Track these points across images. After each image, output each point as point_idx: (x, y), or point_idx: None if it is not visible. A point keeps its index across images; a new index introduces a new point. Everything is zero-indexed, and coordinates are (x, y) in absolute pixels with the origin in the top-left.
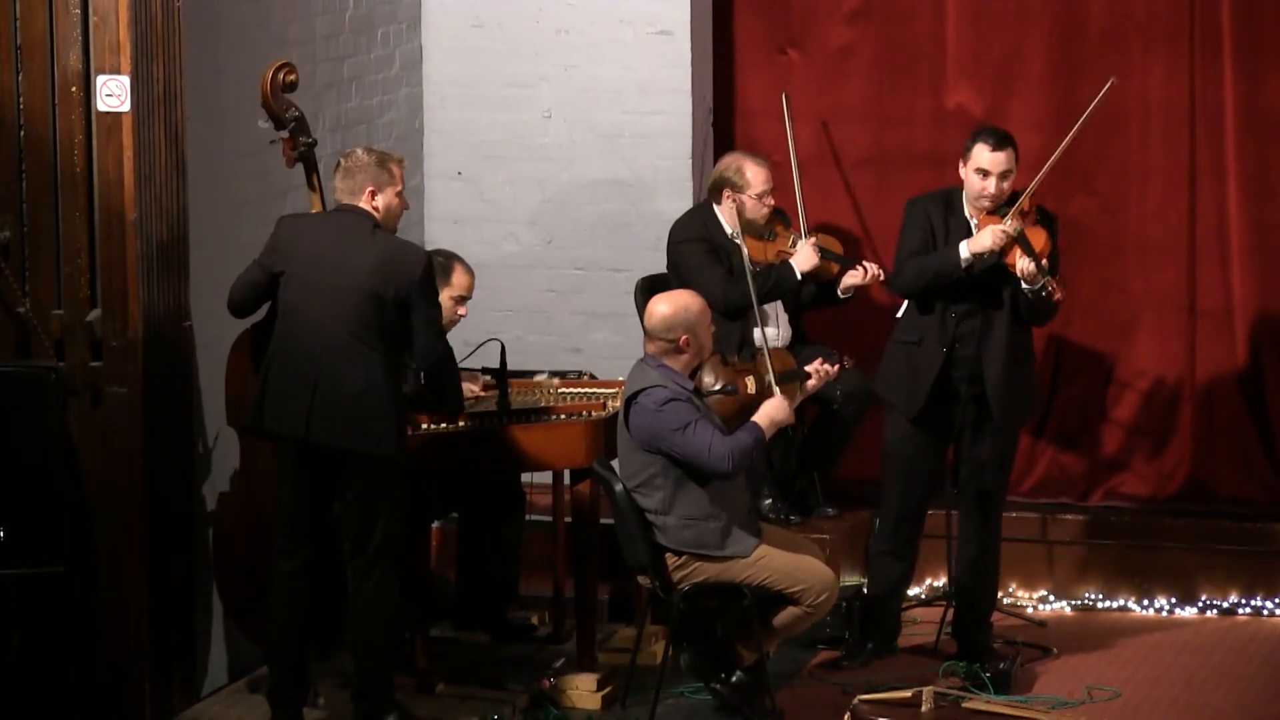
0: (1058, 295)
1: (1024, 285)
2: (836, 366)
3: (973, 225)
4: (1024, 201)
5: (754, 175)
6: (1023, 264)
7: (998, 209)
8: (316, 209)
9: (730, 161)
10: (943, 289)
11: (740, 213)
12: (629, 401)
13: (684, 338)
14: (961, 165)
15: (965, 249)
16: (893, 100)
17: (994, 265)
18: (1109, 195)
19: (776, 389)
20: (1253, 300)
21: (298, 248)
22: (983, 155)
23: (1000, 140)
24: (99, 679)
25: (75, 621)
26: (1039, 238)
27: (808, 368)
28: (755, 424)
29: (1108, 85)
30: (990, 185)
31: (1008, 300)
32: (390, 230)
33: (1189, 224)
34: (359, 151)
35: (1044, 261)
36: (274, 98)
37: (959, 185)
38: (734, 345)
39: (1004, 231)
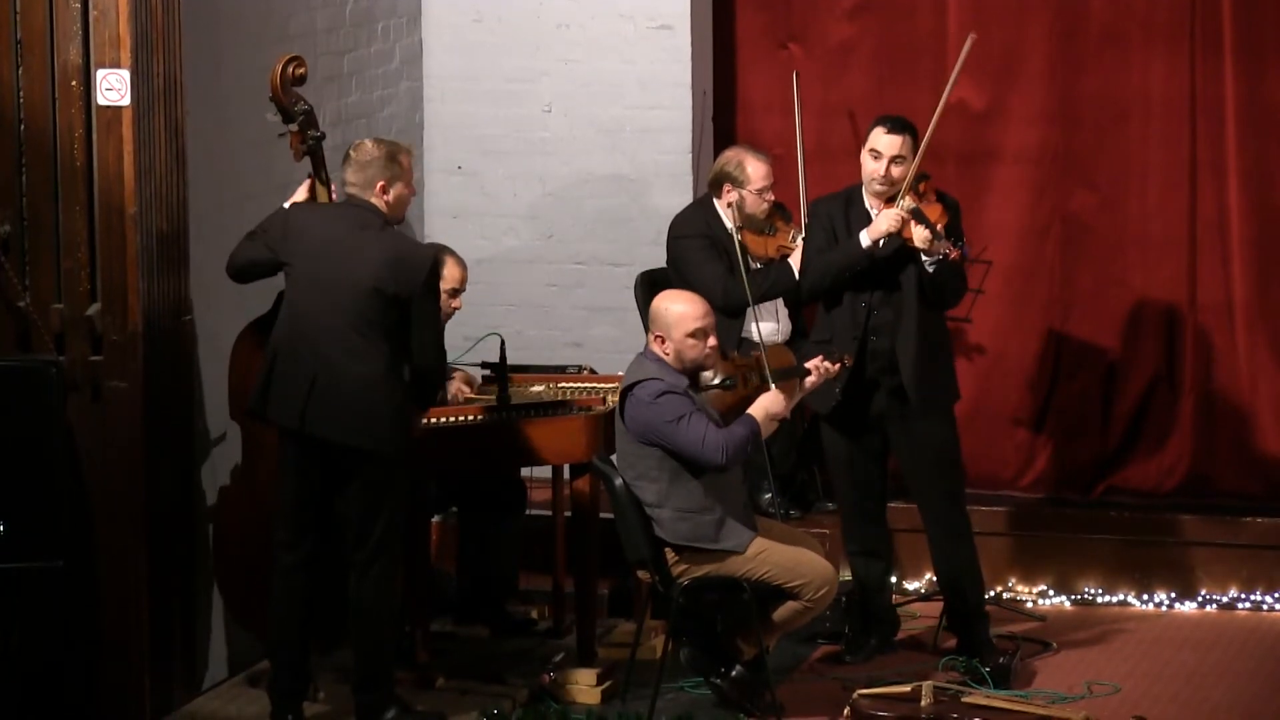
0: (954, 254)
1: (924, 259)
2: (837, 365)
3: (874, 216)
4: (912, 178)
5: (754, 171)
6: (919, 235)
7: (893, 196)
8: (323, 201)
9: (731, 156)
10: (850, 281)
11: (740, 208)
12: (625, 393)
13: (656, 335)
14: (861, 152)
15: (866, 237)
16: (894, 95)
17: (898, 248)
18: (1109, 190)
19: (773, 385)
20: (1253, 295)
21: (305, 241)
22: (878, 138)
23: (897, 125)
24: (99, 673)
25: (75, 616)
26: (934, 211)
27: (807, 364)
28: (750, 417)
29: (969, 42)
30: (880, 168)
31: (915, 287)
32: (398, 219)
33: (1189, 219)
34: (368, 144)
35: (939, 228)
36: (283, 91)
37: (860, 184)
38: (734, 341)
39: (899, 214)
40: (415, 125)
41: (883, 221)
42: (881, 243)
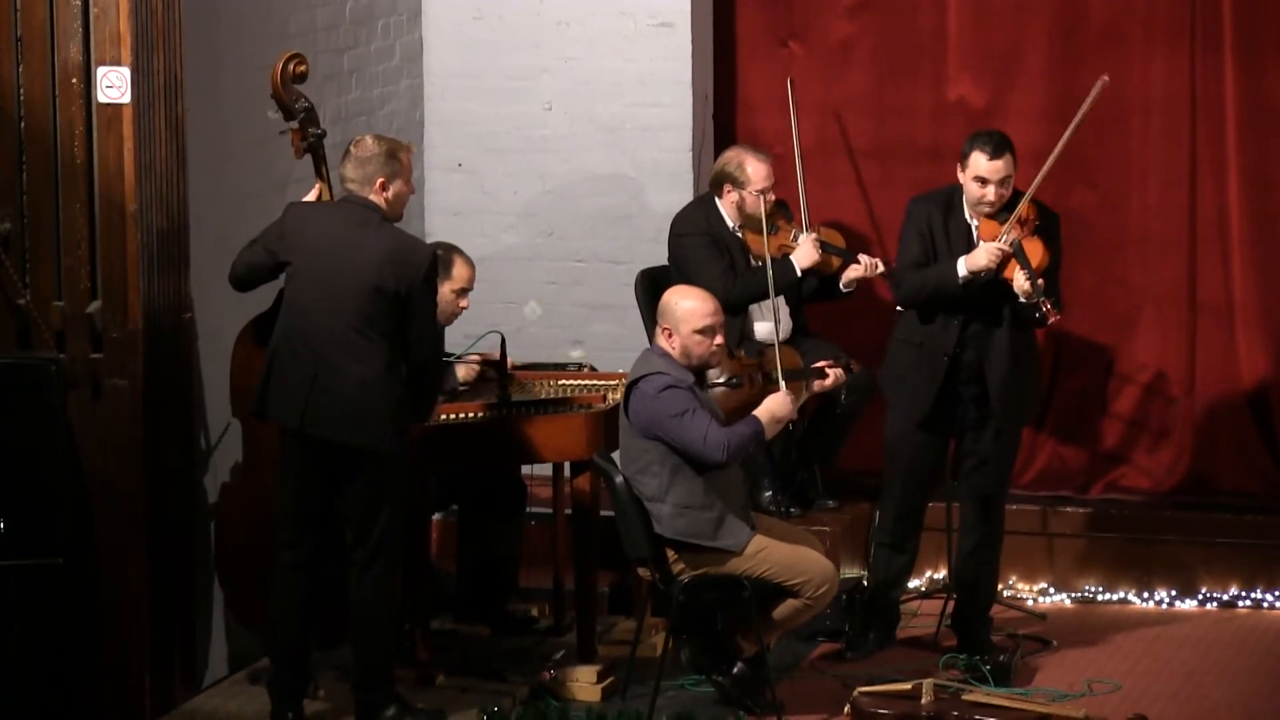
0: (1052, 318)
1: (1020, 299)
2: (844, 372)
3: (973, 227)
4: (1022, 209)
5: (754, 171)
6: (1019, 281)
7: (998, 213)
8: (325, 198)
9: (732, 157)
10: (945, 303)
11: (740, 208)
12: (631, 387)
13: (664, 328)
14: (960, 170)
15: (963, 267)
16: (894, 93)
17: (993, 278)
18: (1110, 189)
19: (782, 385)
20: (1253, 294)
21: (305, 239)
22: (980, 163)
23: (998, 147)
24: (99, 671)
25: (75, 613)
26: (1036, 251)
27: (824, 367)
28: (755, 417)
29: (1100, 84)
30: (990, 193)
31: (1009, 306)
32: (396, 216)
33: (1190, 218)
34: (368, 140)
35: (1040, 280)
36: (284, 88)
37: (960, 184)
38: (735, 339)
39: (1000, 249)
40: (415, 123)
41: (982, 256)
42: (981, 274)
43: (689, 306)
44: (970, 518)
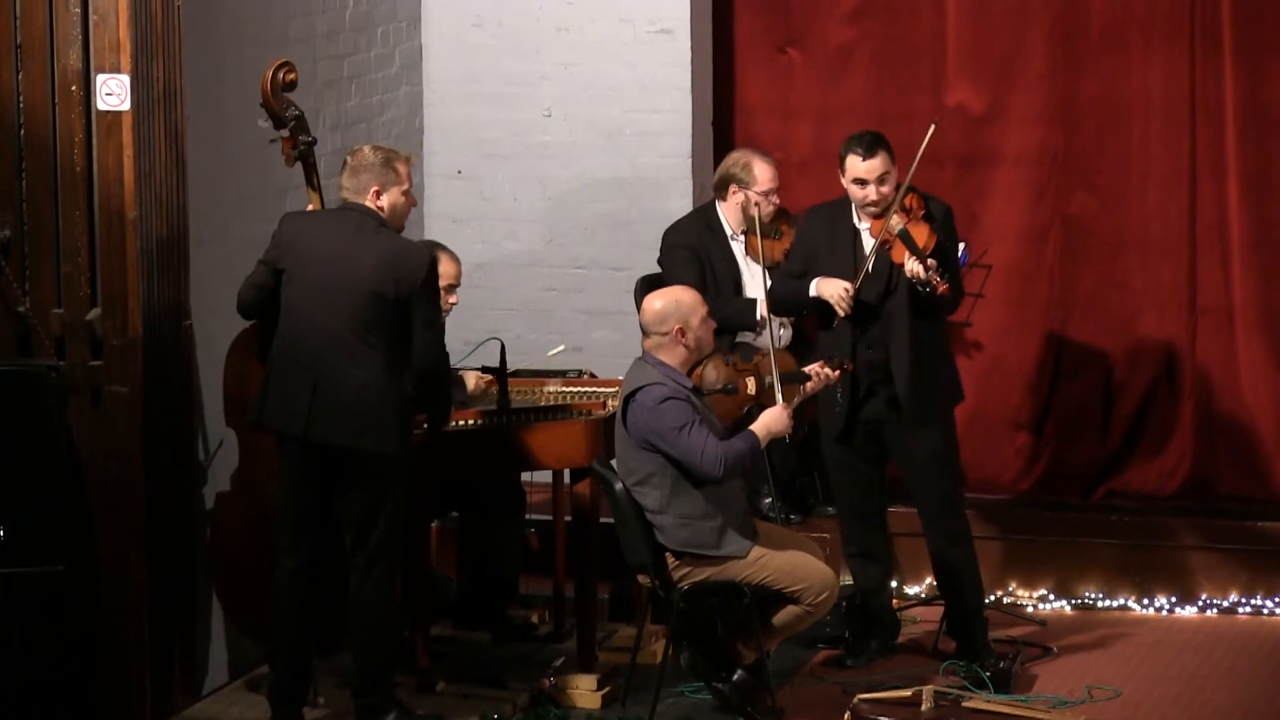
0: (941, 289)
1: (912, 281)
2: (837, 372)
3: (862, 230)
4: (904, 198)
5: (760, 172)
6: (909, 265)
7: (884, 211)
8: (315, 208)
9: (738, 158)
10: (807, 308)
11: (745, 209)
12: (627, 399)
13: (676, 328)
14: (840, 176)
15: (814, 289)
16: (893, 98)
17: (882, 270)
18: (1109, 192)
19: (779, 394)
20: (1253, 297)
21: (300, 245)
22: (856, 165)
23: (870, 147)
24: (99, 678)
25: (75, 620)
26: (922, 234)
27: (807, 369)
28: (751, 433)
29: (930, 129)
30: (871, 192)
31: (906, 299)
32: (396, 227)
33: (1189, 221)
34: (365, 149)
35: (930, 260)
36: (274, 96)
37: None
38: (727, 345)
39: (846, 289)
40: (415, 129)
41: (828, 289)
42: (860, 282)
43: (691, 298)
44: (932, 522)
